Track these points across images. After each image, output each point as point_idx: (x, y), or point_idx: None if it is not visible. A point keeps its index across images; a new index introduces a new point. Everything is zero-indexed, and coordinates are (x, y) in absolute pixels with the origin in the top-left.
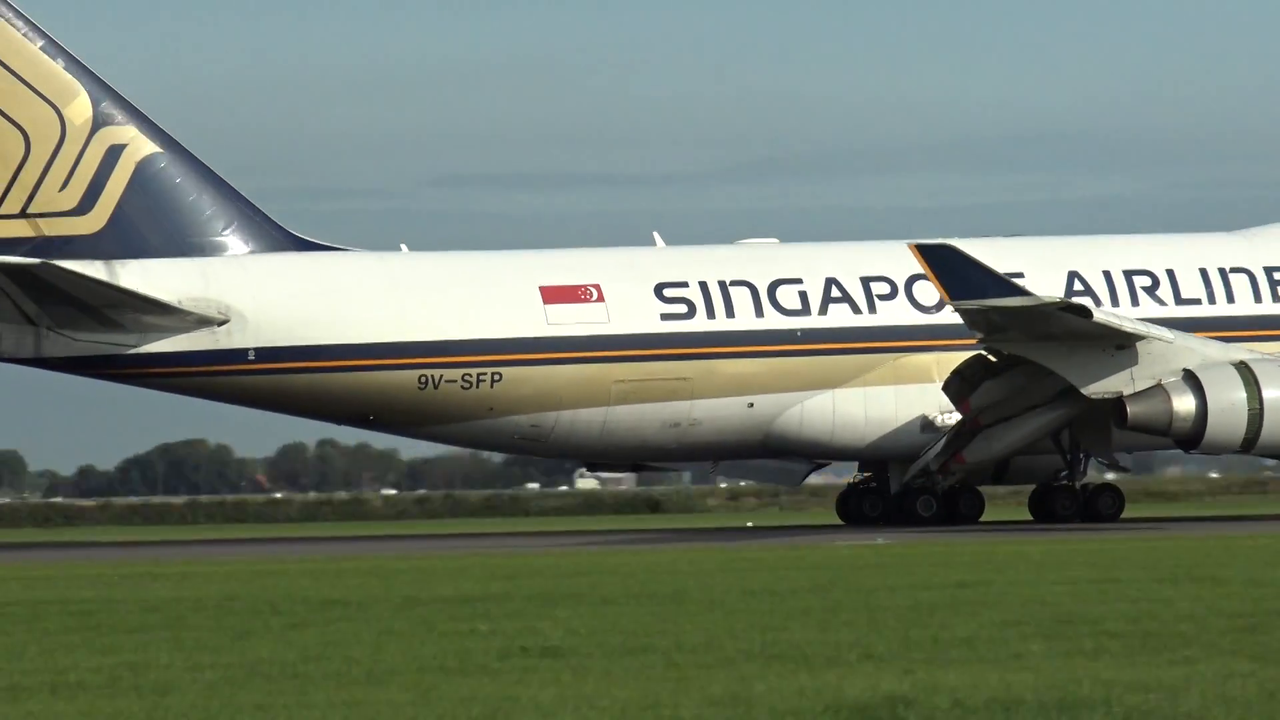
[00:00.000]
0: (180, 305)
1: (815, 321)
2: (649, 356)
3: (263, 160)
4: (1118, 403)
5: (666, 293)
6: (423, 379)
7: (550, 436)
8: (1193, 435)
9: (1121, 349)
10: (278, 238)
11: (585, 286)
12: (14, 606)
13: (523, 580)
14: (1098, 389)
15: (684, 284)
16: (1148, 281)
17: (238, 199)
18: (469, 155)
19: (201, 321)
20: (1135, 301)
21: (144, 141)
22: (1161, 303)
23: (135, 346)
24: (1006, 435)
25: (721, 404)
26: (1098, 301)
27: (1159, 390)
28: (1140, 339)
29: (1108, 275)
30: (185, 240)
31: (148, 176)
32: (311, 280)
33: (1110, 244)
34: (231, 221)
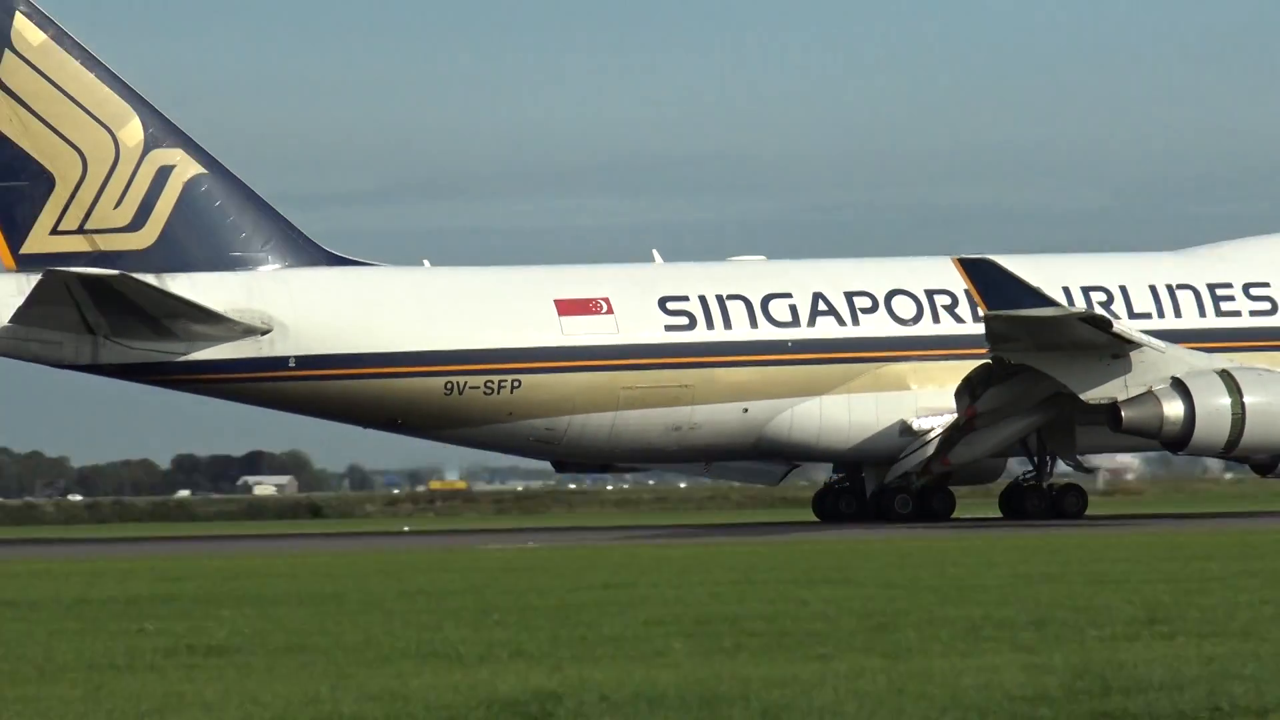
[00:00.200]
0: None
1: (804, 333)
2: (654, 365)
3: (284, 165)
4: (1112, 407)
5: (669, 306)
6: (448, 385)
7: (563, 439)
8: (1180, 438)
9: (1117, 358)
10: (312, 253)
11: (596, 300)
12: None
13: (189, 582)
14: (1095, 395)
15: (685, 298)
16: (1103, 297)
17: (275, 217)
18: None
19: (247, 331)
20: None
21: (191, 163)
22: (1116, 316)
23: (184, 354)
24: (988, 439)
25: (720, 409)
26: None
27: (1150, 396)
28: (1137, 348)
29: (1067, 291)
30: (227, 255)
31: (194, 196)
32: (346, 293)
33: (1073, 262)
34: (270, 238)
